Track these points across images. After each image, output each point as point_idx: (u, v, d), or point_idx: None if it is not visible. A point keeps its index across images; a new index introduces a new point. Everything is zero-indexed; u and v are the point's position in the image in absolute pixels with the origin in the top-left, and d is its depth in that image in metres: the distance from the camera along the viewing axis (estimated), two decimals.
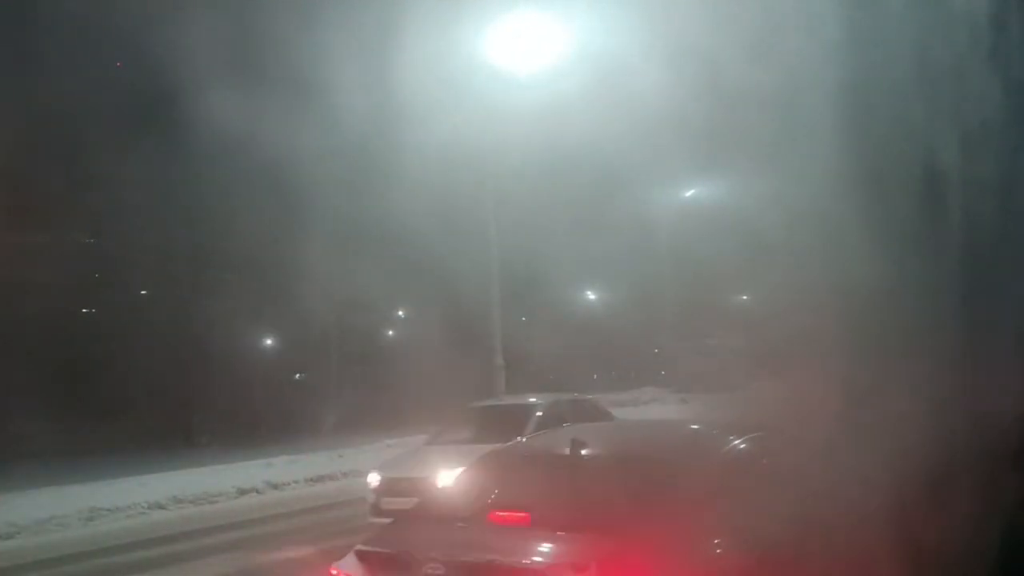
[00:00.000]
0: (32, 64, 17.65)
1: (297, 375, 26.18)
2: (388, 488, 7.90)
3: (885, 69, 9.19)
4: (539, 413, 8.66)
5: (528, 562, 2.99)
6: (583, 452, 3.69)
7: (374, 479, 8.12)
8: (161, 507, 10.33)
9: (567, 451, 3.64)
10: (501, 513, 3.40)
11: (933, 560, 3.69)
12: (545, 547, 3.06)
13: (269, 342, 24.38)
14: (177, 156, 18.83)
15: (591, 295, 30.95)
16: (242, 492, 11.08)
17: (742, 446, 3.76)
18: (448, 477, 6.75)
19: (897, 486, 3.79)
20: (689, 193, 25.53)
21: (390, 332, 28.27)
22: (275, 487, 11.34)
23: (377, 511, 7.86)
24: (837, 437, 4.13)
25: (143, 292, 22.12)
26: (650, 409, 20.56)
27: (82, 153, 19.10)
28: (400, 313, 28.01)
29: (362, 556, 3.49)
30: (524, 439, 4.82)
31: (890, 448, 4.09)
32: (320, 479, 11.95)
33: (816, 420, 4.64)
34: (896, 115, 8.98)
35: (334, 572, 3.54)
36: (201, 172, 18.91)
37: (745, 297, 24.86)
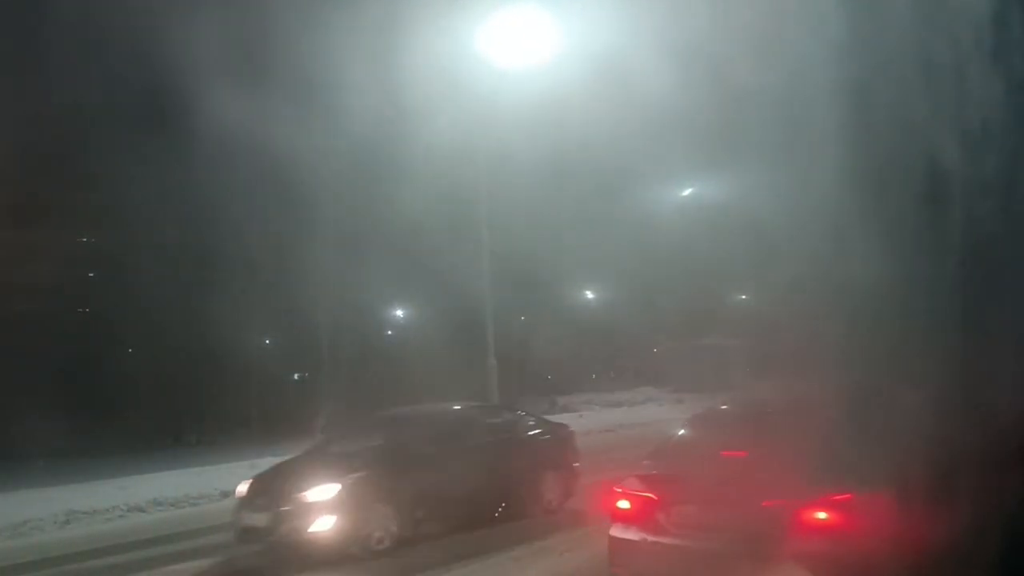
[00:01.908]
0: (41, 65, 17.47)
1: (296, 376, 25.96)
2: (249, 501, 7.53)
3: (887, 67, 8.96)
4: None
5: (756, 477, 4.53)
6: (757, 411, 5.46)
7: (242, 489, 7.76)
8: (140, 510, 10.09)
9: (751, 413, 5.45)
10: (728, 452, 4.92)
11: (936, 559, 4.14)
12: (762, 469, 4.55)
13: (267, 342, 24.18)
14: (177, 155, 18.64)
15: (589, 294, 30.74)
16: (225, 495, 10.75)
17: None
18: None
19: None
20: (687, 192, 25.32)
21: (389, 332, 28.09)
22: None
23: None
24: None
25: (138, 292, 21.84)
26: (645, 409, 20.29)
27: (83, 151, 18.96)
28: (398, 313, 27.82)
29: (641, 478, 5.04)
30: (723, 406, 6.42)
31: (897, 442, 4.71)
32: None
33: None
34: (899, 114, 8.76)
35: (619, 490, 5.03)
36: (196, 170, 18.69)
37: (744, 297, 24.70)
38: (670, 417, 17.94)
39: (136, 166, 19.08)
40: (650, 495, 4.92)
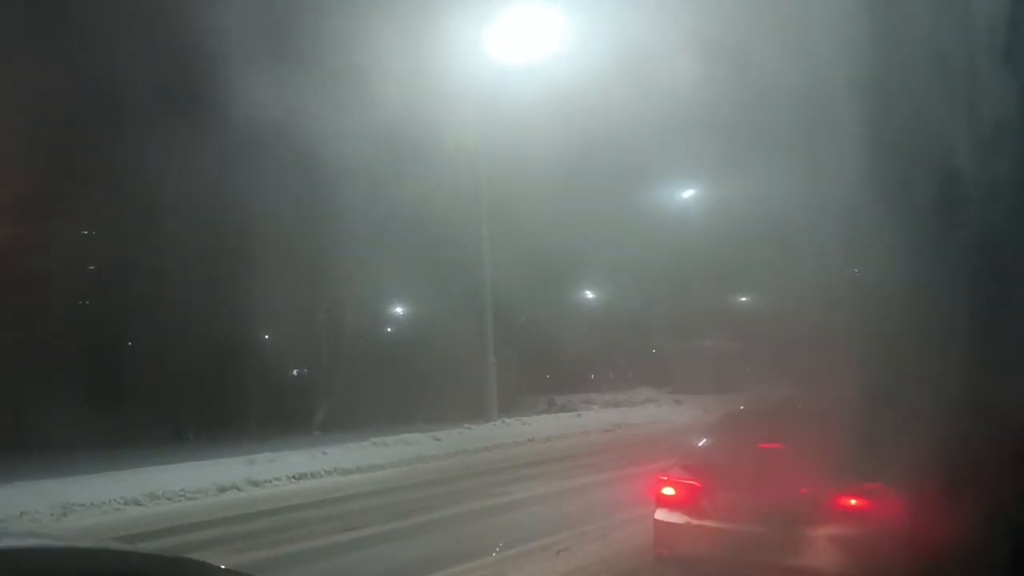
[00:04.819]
0: (57, 48, 17.32)
1: (295, 371, 25.88)
2: None
3: (906, 69, 8.93)
4: None
5: (793, 467, 4.97)
6: (786, 410, 5.87)
7: None
8: (138, 503, 10.04)
9: (782, 411, 5.83)
10: (766, 444, 5.37)
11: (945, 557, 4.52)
12: (798, 460, 4.99)
13: (266, 337, 24.14)
14: (173, 153, 18.55)
15: (589, 294, 30.69)
16: (222, 489, 10.80)
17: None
18: None
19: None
20: (690, 192, 25.32)
21: (388, 329, 28.00)
22: (256, 484, 11.06)
23: None
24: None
25: (138, 286, 21.79)
26: (644, 409, 20.26)
27: (85, 143, 18.88)
28: (398, 310, 27.76)
29: (685, 467, 5.56)
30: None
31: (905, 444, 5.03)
32: (302, 477, 11.67)
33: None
34: (917, 116, 8.73)
35: (664, 478, 5.54)
36: (195, 167, 18.62)
37: (744, 299, 24.66)
38: (668, 418, 18.01)
39: (134, 164, 19.00)
40: (694, 482, 5.40)
